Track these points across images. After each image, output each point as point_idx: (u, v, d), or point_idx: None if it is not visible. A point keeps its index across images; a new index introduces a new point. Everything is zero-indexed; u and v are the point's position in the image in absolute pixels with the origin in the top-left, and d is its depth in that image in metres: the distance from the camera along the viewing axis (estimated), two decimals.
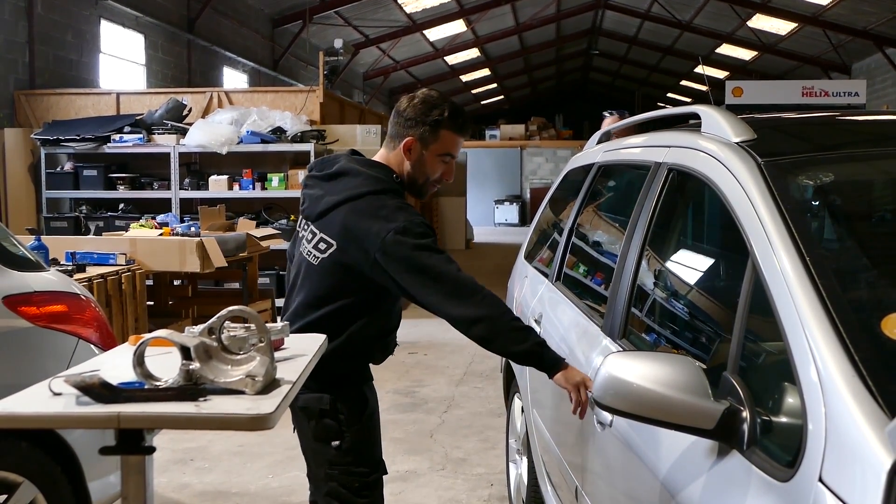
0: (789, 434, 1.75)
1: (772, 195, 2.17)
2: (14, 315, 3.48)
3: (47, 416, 1.73)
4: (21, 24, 12.18)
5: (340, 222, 2.93)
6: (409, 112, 3.03)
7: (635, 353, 2.13)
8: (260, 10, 21.19)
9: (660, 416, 1.96)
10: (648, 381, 1.97)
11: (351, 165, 3.06)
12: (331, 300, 2.97)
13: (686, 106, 3.36)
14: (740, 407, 1.89)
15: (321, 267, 2.98)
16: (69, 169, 11.37)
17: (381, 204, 2.90)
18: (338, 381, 2.98)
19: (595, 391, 2.09)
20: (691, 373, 1.96)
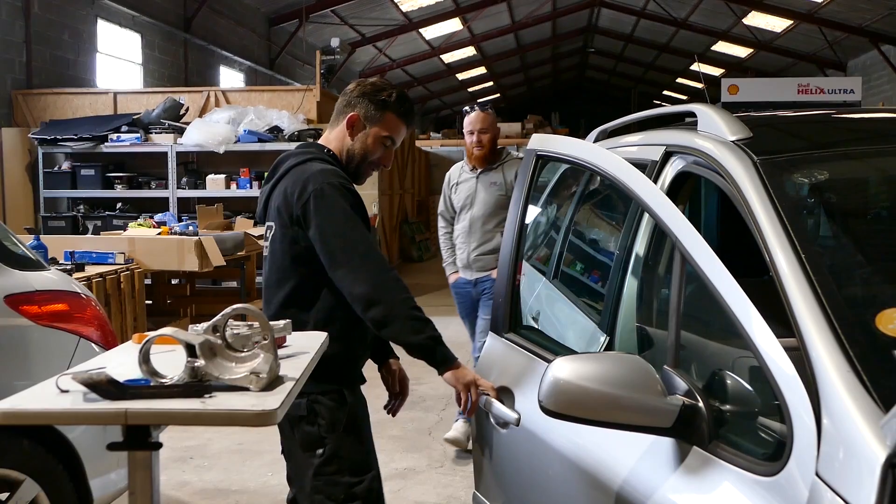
0: (764, 428, 1.76)
1: (767, 193, 2.19)
2: (15, 314, 3.50)
3: (56, 412, 1.76)
4: (18, 23, 12.20)
5: (273, 200, 2.97)
6: (356, 91, 3.07)
7: (582, 354, 2.07)
8: (256, 9, 21.20)
9: (614, 418, 1.91)
10: (597, 383, 1.90)
11: (284, 155, 3.11)
12: (284, 282, 2.93)
13: (682, 104, 3.38)
14: (694, 401, 1.87)
15: (271, 254, 2.99)
16: (67, 168, 11.38)
17: (303, 169, 2.93)
18: (316, 382, 2.64)
19: (541, 397, 1.98)
20: (641, 371, 1.92)
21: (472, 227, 5.75)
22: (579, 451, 2.32)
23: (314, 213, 2.80)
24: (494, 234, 5.69)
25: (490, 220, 5.74)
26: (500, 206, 5.65)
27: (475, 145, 5.69)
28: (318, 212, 2.80)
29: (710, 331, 2.05)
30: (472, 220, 5.75)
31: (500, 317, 3.11)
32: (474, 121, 5.68)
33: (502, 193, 5.66)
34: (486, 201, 5.71)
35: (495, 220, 5.70)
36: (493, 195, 5.72)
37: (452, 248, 5.90)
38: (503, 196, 5.62)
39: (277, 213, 2.92)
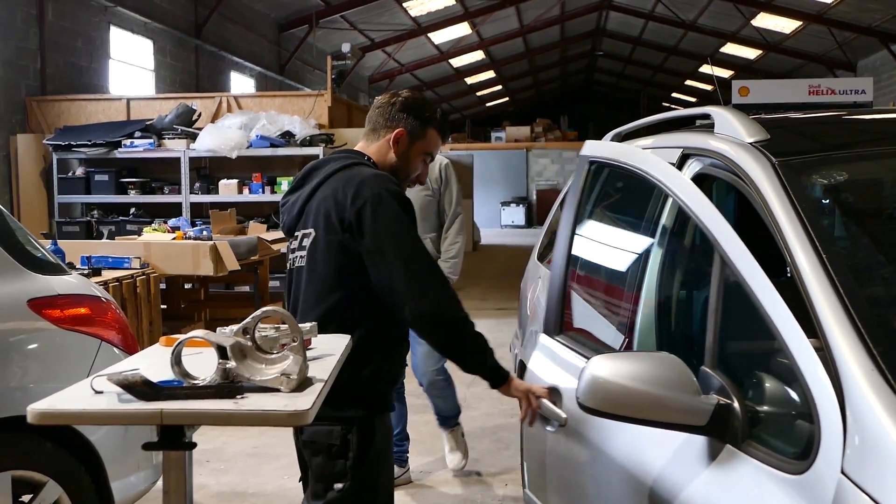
0: (794, 427, 1.79)
1: (787, 194, 2.21)
2: (38, 318, 3.54)
3: (93, 412, 1.79)
4: (32, 31, 12.28)
5: (315, 206, 2.82)
6: (399, 106, 2.98)
7: (619, 353, 2.11)
8: (266, 15, 21.28)
9: (649, 415, 1.95)
10: (634, 381, 1.94)
11: (315, 162, 3.01)
12: (326, 295, 2.76)
13: (692, 106, 3.41)
14: (729, 400, 1.91)
15: (310, 265, 2.81)
16: (81, 174, 11.45)
17: (353, 173, 2.80)
18: (352, 407, 2.66)
19: (579, 394, 2.03)
20: (677, 370, 1.96)
21: None
22: (619, 448, 2.35)
23: (371, 220, 2.65)
24: (424, 239, 4.26)
25: (427, 225, 5.18)
26: (427, 209, 5.18)
27: (419, 176, 4.63)
28: (375, 219, 2.65)
29: (743, 331, 2.07)
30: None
31: (552, 319, 3.12)
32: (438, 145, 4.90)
33: (428, 194, 5.19)
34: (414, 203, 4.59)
35: (423, 224, 4.89)
36: (418, 196, 5.04)
37: None
38: (430, 197, 5.20)
39: (325, 218, 2.75)
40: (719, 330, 2.08)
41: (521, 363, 4.81)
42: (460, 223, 5.44)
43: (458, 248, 5.38)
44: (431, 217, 5.29)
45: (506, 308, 11.47)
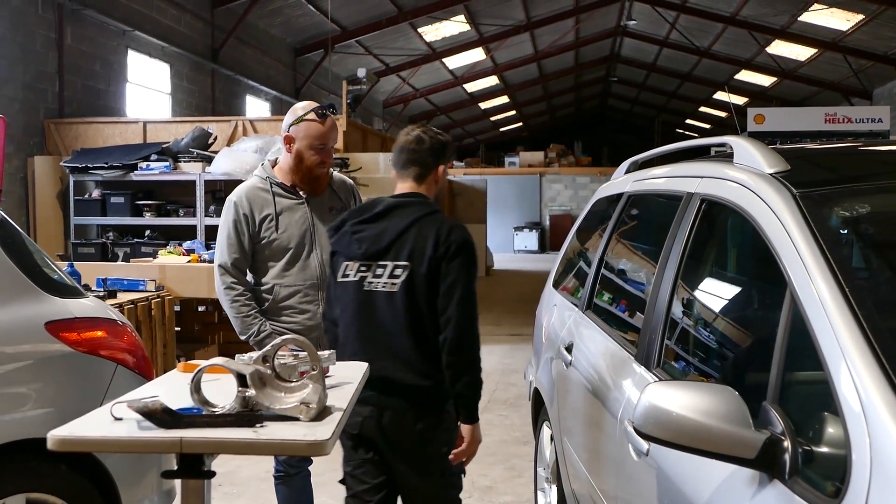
0: (832, 464, 1.78)
1: (808, 226, 2.20)
2: (56, 341, 3.55)
3: (113, 440, 1.78)
4: (51, 54, 12.39)
5: (411, 243, 3.28)
6: (433, 145, 3.45)
7: (676, 382, 2.14)
8: (282, 40, 21.43)
9: (701, 445, 1.96)
10: (689, 411, 1.97)
11: (395, 201, 3.42)
12: (425, 316, 3.26)
13: (705, 133, 3.40)
14: (781, 436, 1.91)
15: (402, 294, 3.27)
16: (97, 196, 11.49)
17: (440, 220, 3.32)
18: (437, 402, 3.33)
19: (636, 420, 2.08)
20: (732, 402, 1.97)
21: (324, 276, 3.94)
22: (681, 475, 2.35)
23: (457, 261, 3.24)
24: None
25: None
26: None
27: (319, 163, 4.00)
28: (461, 261, 3.25)
29: (807, 366, 2.08)
30: (323, 265, 3.99)
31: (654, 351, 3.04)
32: (328, 130, 4.00)
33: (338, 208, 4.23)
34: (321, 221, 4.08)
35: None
36: (326, 214, 4.14)
37: (257, 313, 4.00)
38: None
39: (421, 256, 3.25)
40: (783, 365, 2.09)
41: (535, 390, 4.79)
42: None
43: None
44: None
45: (519, 334, 11.45)
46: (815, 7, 20.14)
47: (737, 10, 22.26)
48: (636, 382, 2.89)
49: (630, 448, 2.72)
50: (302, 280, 4.00)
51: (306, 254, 4.01)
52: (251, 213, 3.98)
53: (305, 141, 3.94)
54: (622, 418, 2.86)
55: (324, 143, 3.96)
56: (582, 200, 31.19)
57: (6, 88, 11.38)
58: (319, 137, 3.95)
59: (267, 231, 3.98)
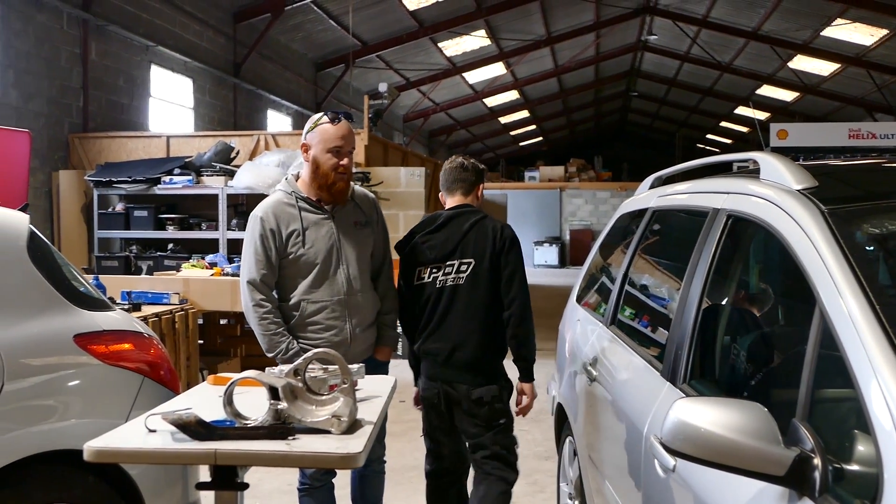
0: (863, 482, 1.77)
1: (837, 242, 2.20)
2: (83, 353, 3.58)
3: (148, 451, 1.80)
4: (76, 70, 12.51)
5: (472, 244, 4.12)
6: (474, 169, 4.35)
7: (705, 398, 2.13)
8: (304, 55, 21.54)
9: (730, 461, 1.96)
10: (718, 427, 1.96)
11: (452, 212, 4.24)
12: (491, 308, 4.11)
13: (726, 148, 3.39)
14: (811, 454, 1.90)
15: (468, 285, 4.10)
16: (120, 210, 11.57)
17: (492, 222, 4.17)
18: (497, 375, 4.23)
19: (664, 435, 2.07)
20: (761, 418, 1.96)
21: (352, 290, 4.02)
22: (708, 492, 2.34)
23: (513, 253, 4.12)
24: (373, 291, 4.21)
25: (366, 274, 4.17)
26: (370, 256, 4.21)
27: (339, 170, 3.97)
28: (515, 252, 4.13)
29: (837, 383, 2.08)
30: (350, 280, 4.03)
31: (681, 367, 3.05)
32: (341, 133, 3.98)
33: (371, 236, 4.20)
34: (359, 249, 4.08)
35: (369, 275, 4.20)
36: (363, 241, 4.13)
37: (285, 330, 3.98)
38: (373, 239, 4.21)
39: (482, 253, 4.09)
40: (812, 382, 2.08)
41: (558, 405, 4.79)
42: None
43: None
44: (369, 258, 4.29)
45: (540, 349, 11.39)
46: (838, 22, 20.05)
47: (759, 25, 22.19)
48: (662, 398, 2.88)
49: (656, 464, 2.71)
50: (329, 296, 3.98)
51: (333, 269, 4.00)
52: (278, 229, 3.95)
53: (320, 145, 3.97)
54: (648, 434, 2.86)
55: (337, 146, 3.96)
56: (602, 215, 31.13)
57: (32, 103, 11.50)
58: (333, 139, 3.95)
59: (294, 246, 3.95)
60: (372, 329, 4.17)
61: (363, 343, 4.10)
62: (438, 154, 32.41)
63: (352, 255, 4.02)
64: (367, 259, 4.14)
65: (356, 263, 4.04)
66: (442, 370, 4.15)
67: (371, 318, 4.15)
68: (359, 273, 4.05)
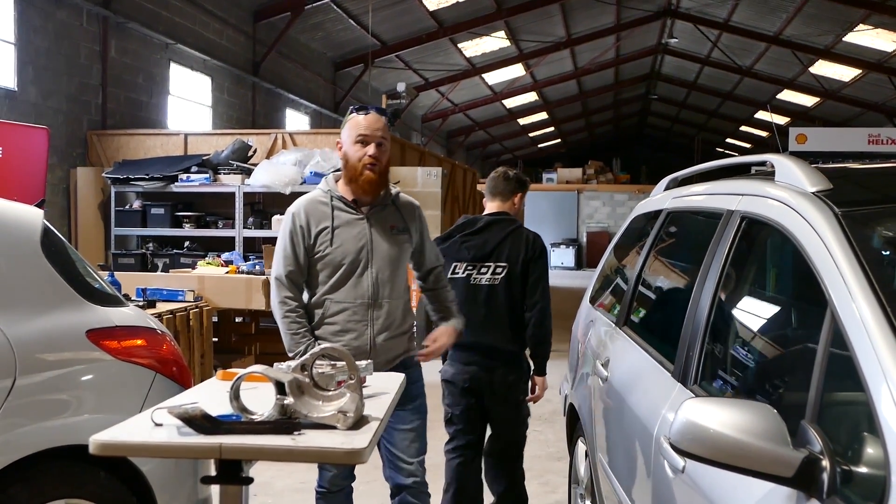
0: (871, 485, 1.76)
1: (850, 246, 2.18)
2: (96, 348, 3.59)
3: (153, 445, 1.81)
4: (95, 67, 12.58)
5: (507, 250, 4.72)
6: (517, 179, 4.98)
7: (714, 398, 2.12)
8: (323, 54, 21.59)
9: (738, 462, 1.95)
10: (727, 427, 1.95)
11: (491, 218, 4.84)
12: (517, 308, 4.72)
13: (746, 152, 3.37)
14: (820, 455, 1.89)
15: (502, 286, 4.71)
16: (137, 207, 11.63)
17: (525, 232, 4.82)
18: (524, 366, 4.87)
19: (672, 436, 2.07)
20: (770, 420, 1.95)
21: (378, 296, 3.85)
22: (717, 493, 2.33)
23: (540, 262, 4.76)
24: (405, 301, 4.02)
25: (398, 281, 3.96)
26: (407, 259, 4.04)
27: (368, 160, 3.80)
28: (542, 261, 4.79)
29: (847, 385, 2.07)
30: (378, 284, 3.86)
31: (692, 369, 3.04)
32: (369, 123, 3.86)
33: (408, 243, 4.00)
34: (392, 254, 3.90)
35: (404, 282, 4.01)
36: (398, 246, 3.94)
37: (307, 332, 3.87)
38: (410, 247, 4.02)
39: (516, 258, 4.71)
40: (822, 384, 2.07)
41: (570, 406, 4.78)
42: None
43: None
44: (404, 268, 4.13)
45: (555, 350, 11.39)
46: (860, 27, 19.95)
47: (780, 30, 22.10)
48: (673, 399, 2.87)
49: (666, 465, 2.70)
50: (353, 298, 3.83)
51: (360, 271, 3.84)
52: (307, 226, 3.85)
53: (349, 138, 3.87)
54: (658, 435, 2.84)
55: (363, 134, 3.81)
56: (619, 218, 31.06)
57: (51, 100, 11.57)
58: (359, 129, 3.82)
59: (322, 245, 3.84)
60: (400, 340, 3.94)
61: (387, 353, 3.88)
62: (456, 155, 32.43)
63: (383, 259, 3.86)
64: (401, 265, 3.94)
65: (387, 268, 3.87)
66: (480, 357, 4.72)
67: (399, 329, 3.93)
68: (388, 278, 3.87)
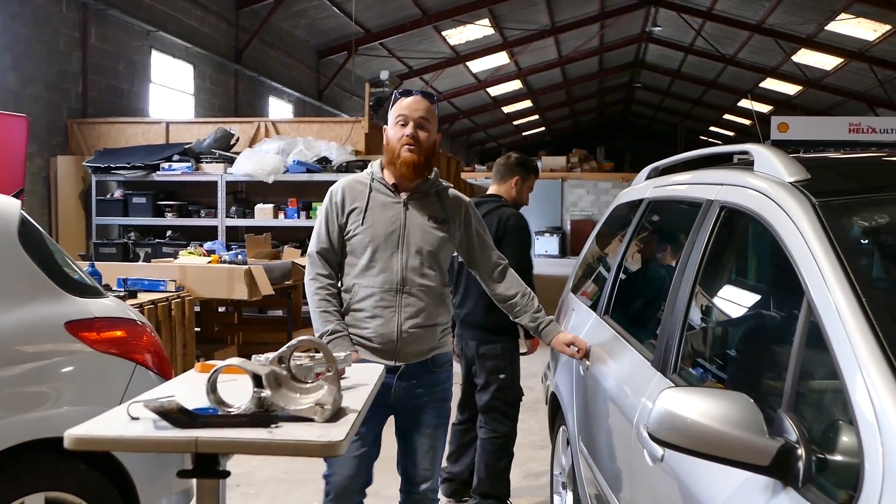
0: (845, 472, 1.77)
1: (827, 235, 2.19)
2: (75, 340, 3.57)
3: (129, 439, 1.80)
4: (75, 54, 12.49)
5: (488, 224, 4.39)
6: (515, 162, 5.39)
7: (691, 388, 2.14)
8: (306, 41, 21.50)
9: (714, 451, 1.97)
10: (704, 417, 1.97)
11: (478, 200, 5.16)
12: None
13: (729, 140, 3.38)
14: (795, 444, 1.91)
15: None
16: (119, 196, 11.58)
17: (504, 211, 5.13)
18: (500, 336, 5.07)
19: (650, 425, 2.08)
20: (747, 409, 1.97)
21: (407, 283, 3.65)
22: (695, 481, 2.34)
23: (511, 239, 5.01)
24: (440, 294, 3.80)
25: (431, 272, 3.73)
26: (444, 252, 3.80)
27: (406, 140, 3.65)
28: (513, 239, 5.03)
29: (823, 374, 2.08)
30: (407, 271, 3.66)
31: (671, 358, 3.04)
32: (407, 103, 3.71)
33: (446, 236, 3.77)
34: (425, 243, 3.70)
35: (440, 275, 3.80)
36: (434, 236, 3.73)
37: (337, 311, 3.71)
38: (448, 240, 3.78)
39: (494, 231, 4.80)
40: (798, 373, 2.08)
41: (552, 395, 4.79)
42: None
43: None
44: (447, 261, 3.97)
45: None
46: (842, 16, 20.01)
47: (763, 18, 22.15)
48: (652, 388, 2.88)
49: (645, 454, 2.72)
50: (380, 283, 3.64)
51: (389, 255, 3.65)
52: (342, 204, 3.73)
53: (390, 121, 3.73)
54: (638, 424, 2.86)
55: (403, 114, 3.65)
56: (603, 206, 31.08)
57: (30, 88, 11.48)
58: (400, 110, 3.66)
59: (353, 224, 3.70)
60: (430, 332, 3.71)
61: (416, 344, 3.68)
62: (441, 143, 32.33)
63: (415, 246, 3.67)
64: (436, 257, 3.73)
65: (418, 257, 3.66)
66: (460, 328, 5.19)
67: (429, 321, 3.70)
68: (420, 266, 3.66)
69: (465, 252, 3.93)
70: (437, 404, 3.79)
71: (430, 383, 3.76)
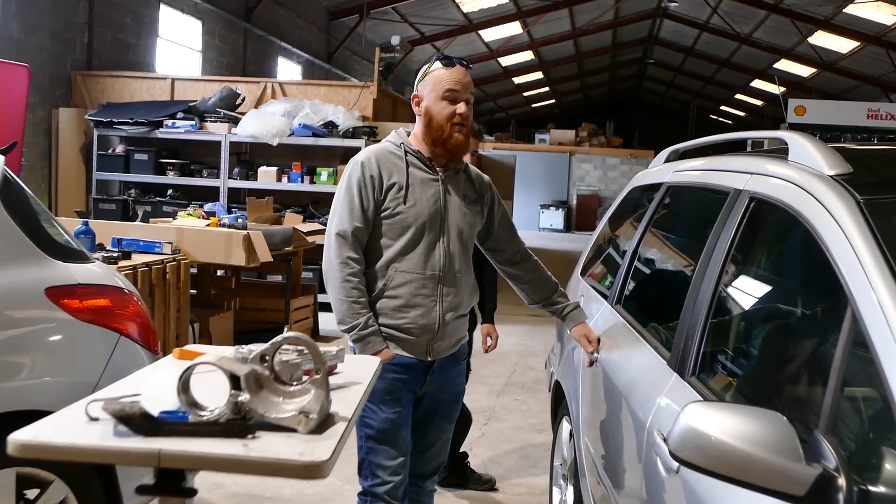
0: None
1: (875, 238, 1.99)
2: (55, 307, 3.37)
3: (81, 448, 1.56)
4: (82, 4, 12.22)
5: None
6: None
7: (719, 403, 1.94)
8: (317, 3, 21.19)
9: (743, 476, 1.76)
10: (732, 437, 1.77)
11: None
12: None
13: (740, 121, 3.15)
14: (835, 473, 1.70)
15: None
16: (121, 152, 11.38)
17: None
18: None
19: (672, 442, 1.88)
20: (782, 430, 1.76)
21: (450, 269, 3.39)
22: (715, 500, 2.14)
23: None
24: (473, 281, 3.58)
25: (468, 257, 3.51)
26: (475, 235, 3.59)
27: (455, 119, 3.34)
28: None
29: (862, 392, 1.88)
30: (450, 255, 3.40)
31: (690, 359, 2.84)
32: (456, 77, 3.36)
33: (479, 216, 3.56)
34: (464, 224, 3.46)
35: (471, 259, 3.55)
36: (471, 217, 3.50)
37: (367, 302, 3.32)
38: (480, 221, 3.58)
39: None
40: (839, 390, 1.87)
41: (556, 383, 4.60)
42: None
43: None
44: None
45: (540, 315, 11.24)
46: None
47: None
48: (668, 390, 2.68)
49: (659, 462, 2.52)
50: (422, 268, 3.33)
51: (432, 238, 3.35)
52: (379, 176, 3.33)
53: (432, 94, 3.35)
54: (651, 428, 2.65)
55: (453, 89, 3.31)
56: (611, 182, 30.84)
57: (33, 37, 11.21)
58: (447, 83, 3.31)
59: (393, 201, 3.32)
60: (463, 322, 3.52)
61: (454, 334, 3.47)
62: None
63: (456, 228, 3.39)
64: (471, 239, 3.51)
65: (458, 239, 3.40)
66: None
67: (465, 308, 3.50)
68: (460, 249, 3.41)
69: (487, 233, 3.63)
70: (456, 396, 3.66)
71: (455, 375, 3.59)
